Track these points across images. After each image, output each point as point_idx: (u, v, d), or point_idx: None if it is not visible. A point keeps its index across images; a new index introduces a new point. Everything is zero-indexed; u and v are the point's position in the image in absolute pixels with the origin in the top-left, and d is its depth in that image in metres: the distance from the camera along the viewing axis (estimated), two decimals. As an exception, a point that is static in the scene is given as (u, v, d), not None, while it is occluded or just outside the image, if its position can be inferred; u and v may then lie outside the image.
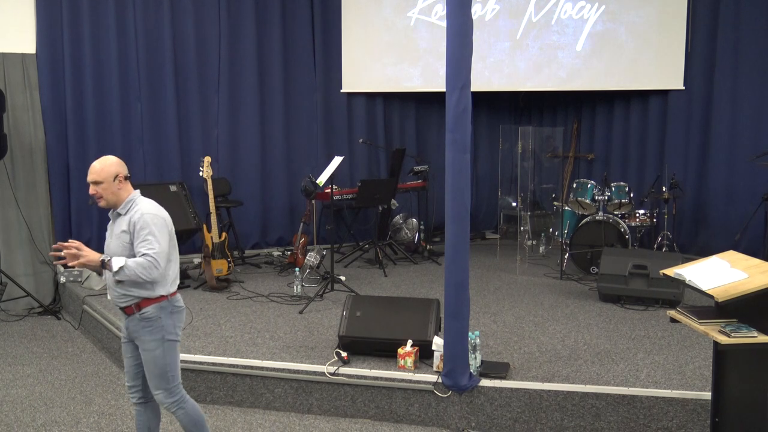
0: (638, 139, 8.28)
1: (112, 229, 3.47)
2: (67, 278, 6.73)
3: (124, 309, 3.43)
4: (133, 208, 3.45)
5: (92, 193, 3.45)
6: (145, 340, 3.41)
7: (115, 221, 3.47)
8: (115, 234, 3.42)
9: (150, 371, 3.44)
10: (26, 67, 6.81)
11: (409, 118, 9.08)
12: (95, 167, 3.51)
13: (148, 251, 3.29)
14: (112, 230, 3.47)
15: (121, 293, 3.39)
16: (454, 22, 3.94)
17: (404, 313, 4.72)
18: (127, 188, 3.51)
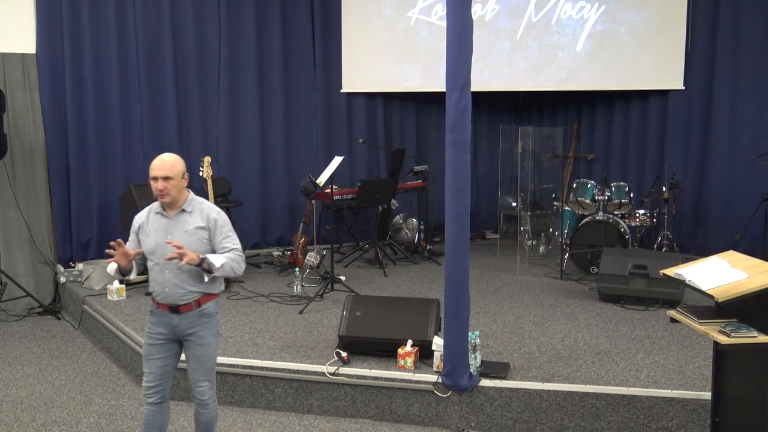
0: (638, 139, 8.28)
1: (172, 227, 3.37)
2: (67, 278, 6.73)
3: (179, 307, 3.37)
4: (200, 205, 3.45)
5: (160, 189, 3.32)
6: (203, 335, 3.43)
7: (175, 219, 3.39)
8: (184, 231, 3.36)
9: (203, 365, 3.47)
10: (26, 67, 6.81)
11: (409, 118, 9.08)
12: (167, 163, 3.37)
13: (235, 246, 3.43)
14: (172, 228, 3.37)
15: (186, 290, 3.36)
16: (454, 22, 3.94)
17: (404, 313, 4.72)
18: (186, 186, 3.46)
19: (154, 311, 3.47)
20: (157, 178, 3.33)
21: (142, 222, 3.45)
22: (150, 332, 3.47)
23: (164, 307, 3.40)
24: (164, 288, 3.38)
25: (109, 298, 6.12)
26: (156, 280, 3.40)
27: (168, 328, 3.43)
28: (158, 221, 3.41)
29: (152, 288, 3.44)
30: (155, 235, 3.39)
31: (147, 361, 3.48)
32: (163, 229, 3.39)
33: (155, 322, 3.45)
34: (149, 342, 3.48)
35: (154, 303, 3.46)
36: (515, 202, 8.41)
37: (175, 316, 3.39)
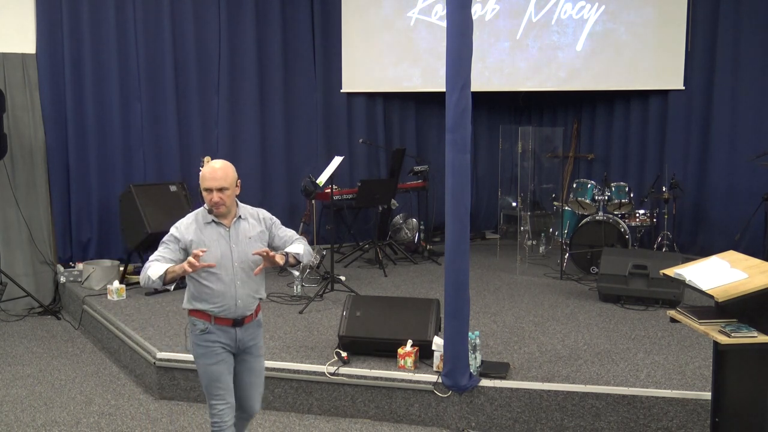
0: (638, 139, 8.28)
1: (234, 236, 3.25)
2: (67, 278, 6.73)
3: (244, 319, 3.24)
4: (246, 209, 3.38)
5: (216, 201, 3.19)
6: (260, 345, 3.34)
7: (234, 228, 3.27)
8: (247, 239, 3.25)
9: (260, 377, 3.39)
10: (26, 67, 6.81)
11: (409, 118, 9.08)
12: (219, 172, 3.23)
13: (293, 232, 3.43)
14: (234, 238, 3.24)
15: (254, 299, 3.27)
16: (454, 22, 3.94)
17: (404, 313, 4.71)
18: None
19: (210, 329, 3.22)
20: (211, 190, 3.18)
21: (194, 236, 3.22)
22: (211, 350, 3.23)
23: (227, 321, 3.22)
24: (236, 301, 3.20)
25: (109, 298, 6.12)
26: (222, 293, 3.19)
27: (232, 344, 3.26)
28: (215, 232, 3.24)
29: (214, 303, 3.20)
30: (217, 246, 3.20)
31: (219, 381, 3.24)
32: (224, 240, 3.22)
33: (214, 338, 3.23)
34: (214, 361, 3.23)
35: (207, 320, 3.22)
36: (515, 202, 8.41)
37: (237, 329, 3.24)
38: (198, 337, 3.24)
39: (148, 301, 6.08)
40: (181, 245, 3.21)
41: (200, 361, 3.26)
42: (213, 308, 3.20)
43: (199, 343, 3.25)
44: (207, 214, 3.26)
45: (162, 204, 6.48)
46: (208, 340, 3.22)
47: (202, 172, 3.24)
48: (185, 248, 3.20)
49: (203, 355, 3.24)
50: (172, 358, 4.70)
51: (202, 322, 3.23)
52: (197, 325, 3.24)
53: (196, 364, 3.33)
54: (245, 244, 3.24)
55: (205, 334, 3.22)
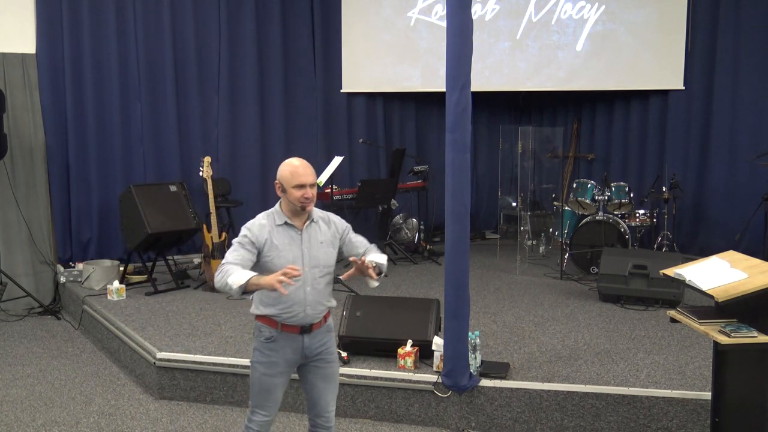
0: (638, 139, 8.28)
1: (306, 239, 3.12)
2: (67, 278, 6.73)
3: (312, 326, 3.11)
4: (320, 212, 3.23)
5: (309, 197, 3.07)
6: (332, 351, 3.21)
7: (306, 230, 3.13)
8: (319, 243, 3.14)
9: (334, 384, 3.23)
10: (26, 67, 6.81)
11: (409, 118, 9.08)
12: (309, 168, 3.13)
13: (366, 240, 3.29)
14: (306, 241, 3.12)
15: (324, 306, 3.15)
16: (454, 22, 3.94)
17: (404, 313, 4.71)
18: None
19: (275, 338, 3.08)
20: (305, 185, 3.07)
21: (267, 237, 3.07)
22: (272, 361, 3.09)
23: (294, 329, 3.08)
24: (305, 308, 3.07)
25: (109, 298, 6.12)
26: (292, 299, 3.04)
27: (297, 353, 3.11)
28: (287, 234, 3.10)
29: (282, 308, 3.06)
30: (289, 250, 3.06)
31: (269, 394, 3.12)
32: (296, 244, 3.09)
33: (278, 348, 3.09)
34: (272, 373, 3.10)
35: (274, 327, 3.08)
36: (515, 202, 8.41)
37: (305, 336, 3.10)
38: (262, 344, 3.11)
39: (148, 301, 6.08)
40: (256, 247, 3.05)
41: (258, 367, 3.13)
42: (281, 314, 3.06)
43: (262, 350, 3.11)
44: (280, 215, 3.13)
45: (162, 204, 6.48)
46: (271, 350, 3.09)
47: (290, 169, 3.11)
48: (260, 250, 3.05)
49: (263, 363, 3.11)
50: (172, 358, 4.70)
51: (269, 330, 3.09)
52: (263, 332, 3.10)
53: (251, 368, 3.17)
54: (317, 248, 3.12)
55: (270, 342, 3.09)
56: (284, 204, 3.17)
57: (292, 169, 3.13)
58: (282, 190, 3.15)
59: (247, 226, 3.13)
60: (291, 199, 3.11)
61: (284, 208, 3.17)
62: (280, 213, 3.15)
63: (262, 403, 3.14)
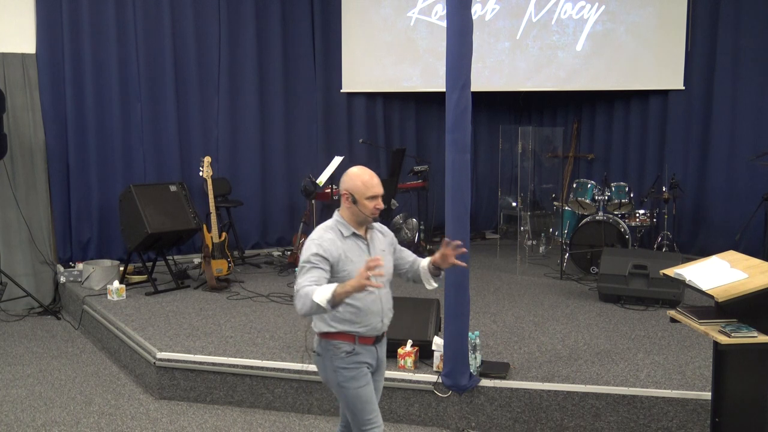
0: (638, 139, 8.28)
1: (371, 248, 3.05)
2: (67, 278, 6.73)
3: (383, 335, 3.09)
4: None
5: (380, 208, 3.05)
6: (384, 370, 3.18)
7: (370, 239, 3.08)
8: (381, 251, 3.08)
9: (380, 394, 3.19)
10: (26, 67, 6.81)
11: (409, 118, 9.08)
12: (377, 178, 3.08)
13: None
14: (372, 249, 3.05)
15: (392, 312, 3.10)
16: (454, 22, 3.94)
17: (404, 313, 4.70)
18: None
19: (356, 350, 2.99)
20: (377, 196, 3.04)
21: (341, 249, 2.96)
22: (361, 372, 3.00)
23: (369, 340, 3.01)
24: (382, 318, 3.02)
25: (109, 298, 6.11)
26: (368, 311, 2.97)
27: (373, 362, 3.07)
28: (355, 245, 3.01)
29: (359, 322, 2.96)
30: (361, 261, 2.93)
31: (372, 403, 3.04)
32: (364, 254, 3.00)
33: (360, 359, 3.00)
34: (364, 383, 3.01)
35: (351, 341, 2.98)
36: (515, 202, 8.41)
37: (377, 346, 3.06)
38: (344, 360, 2.98)
39: (148, 301, 6.08)
40: (329, 263, 2.92)
41: (349, 385, 2.98)
42: (359, 328, 2.96)
43: (346, 366, 2.98)
44: (346, 226, 3.02)
45: (162, 204, 6.48)
46: (355, 361, 2.99)
47: (362, 180, 3.04)
48: (333, 266, 2.93)
49: (353, 378, 2.98)
50: (172, 358, 4.70)
51: (348, 344, 2.98)
52: (342, 348, 2.97)
53: (341, 391, 3.02)
54: (380, 256, 2.99)
55: (351, 355, 2.98)
56: (348, 214, 3.05)
57: (365, 180, 3.05)
58: (353, 201, 3.02)
59: (317, 242, 2.94)
60: (364, 211, 3.02)
61: (348, 219, 3.04)
62: (346, 224, 3.03)
63: (368, 417, 3.02)
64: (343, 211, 3.06)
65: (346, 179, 3.07)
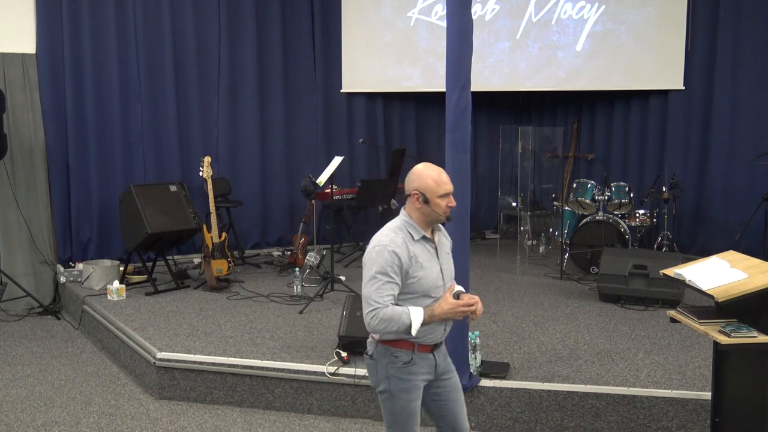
0: (638, 139, 8.28)
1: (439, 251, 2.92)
2: (67, 278, 6.73)
3: (442, 342, 2.96)
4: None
5: (452, 206, 2.89)
6: (453, 365, 3.04)
7: (437, 241, 2.94)
8: (446, 254, 2.96)
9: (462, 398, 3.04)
10: (26, 67, 6.81)
11: (409, 118, 9.08)
12: (447, 175, 2.90)
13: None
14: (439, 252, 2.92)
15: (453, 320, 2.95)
16: (454, 22, 3.94)
17: (404, 313, 4.71)
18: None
19: (414, 359, 2.84)
20: (449, 194, 2.87)
21: (412, 253, 2.79)
22: (414, 385, 2.88)
23: (428, 348, 2.87)
24: (445, 325, 2.89)
25: (109, 298, 6.11)
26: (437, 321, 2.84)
27: (431, 372, 2.92)
28: (425, 249, 2.85)
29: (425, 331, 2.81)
30: (431, 266, 2.84)
31: (415, 418, 2.91)
32: (434, 258, 2.87)
33: (416, 371, 2.86)
34: (415, 397, 2.89)
35: (410, 349, 2.84)
36: (515, 202, 8.41)
37: (436, 354, 2.91)
38: (400, 370, 2.84)
39: (148, 301, 6.08)
40: (403, 270, 2.76)
41: (400, 395, 2.86)
42: (421, 335, 2.80)
43: (400, 377, 2.85)
44: (416, 228, 2.85)
45: (162, 204, 6.47)
46: (411, 373, 2.85)
47: (433, 177, 2.87)
48: (406, 272, 2.78)
49: (405, 390, 2.85)
50: (172, 358, 4.71)
51: (406, 353, 2.84)
52: (400, 357, 2.83)
53: (388, 399, 2.90)
54: (446, 260, 2.94)
55: (408, 366, 2.84)
56: (418, 215, 2.87)
57: (435, 177, 2.86)
58: (424, 201, 2.84)
59: (390, 249, 2.76)
60: (436, 210, 2.83)
61: (418, 220, 2.87)
62: (415, 226, 2.86)
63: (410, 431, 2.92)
64: (412, 211, 2.87)
65: (413, 178, 2.90)
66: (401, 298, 2.78)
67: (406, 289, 2.79)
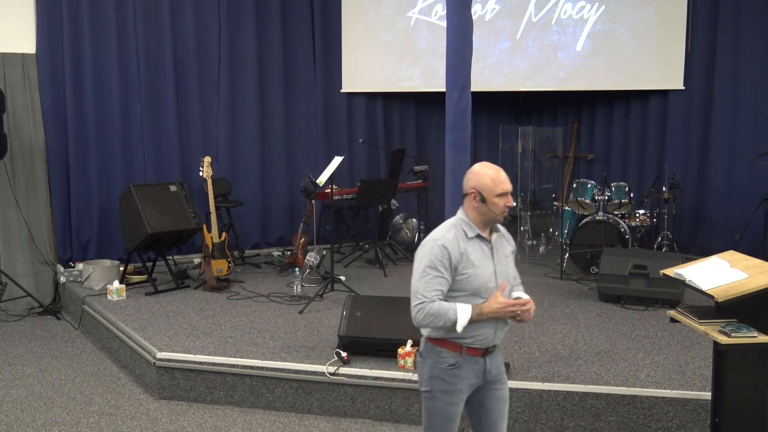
0: (638, 139, 8.28)
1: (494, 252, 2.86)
2: (67, 278, 6.73)
3: (495, 346, 2.88)
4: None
5: (510, 205, 2.82)
6: (504, 372, 2.96)
7: (494, 242, 2.88)
8: (504, 256, 2.90)
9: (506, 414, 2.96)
10: (26, 67, 6.81)
11: (409, 118, 9.08)
12: (505, 173, 2.85)
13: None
14: (495, 253, 2.86)
15: (508, 325, 2.89)
16: (454, 22, 3.94)
17: (404, 313, 4.64)
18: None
19: (460, 363, 2.80)
20: (507, 193, 2.81)
21: (463, 250, 2.76)
22: (457, 389, 2.82)
23: (478, 352, 2.81)
24: (496, 330, 2.83)
25: (109, 298, 6.11)
26: (487, 322, 2.78)
27: (479, 377, 2.85)
28: (479, 248, 2.81)
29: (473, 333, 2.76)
30: (484, 266, 2.79)
31: (454, 422, 2.86)
32: (488, 258, 2.81)
33: (462, 374, 2.81)
34: (456, 401, 2.83)
35: (458, 351, 2.79)
36: (515, 202, 8.41)
37: (487, 359, 2.84)
38: (444, 371, 2.81)
39: (148, 301, 6.08)
40: (453, 266, 2.75)
41: (440, 396, 2.84)
42: (469, 337, 2.77)
43: (444, 378, 2.81)
44: (471, 226, 2.81)
45: (162, 204, 6.48)
46: (455, 376, 2.81)
47: (490, 176, 2.83)
48: (455, 268, 2.75)
49: (446, 392, 2.82)
50: (172, 358, 4.70)
51: (452, 355, 2.80)
52: (445, 358, 2.80)
53: (429, 399, 2.88)
54: (504, 263, 2.87)
55: (453, 369, 2.80)
56: (474, 214, 2.83)
57: (493, 175, 2.82)
58: (480, 200, 2.80)
59: (440, 243, 2.76)
60: (493, 209, 2.79)
61: (474, 219, 2.83)
62: (471, 225, 2.82)
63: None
64: (469, 210, 2.84)
65: (471, 176, 2.87)
66: (451, 295, 2.76)
67: (456, 286, 2.76)
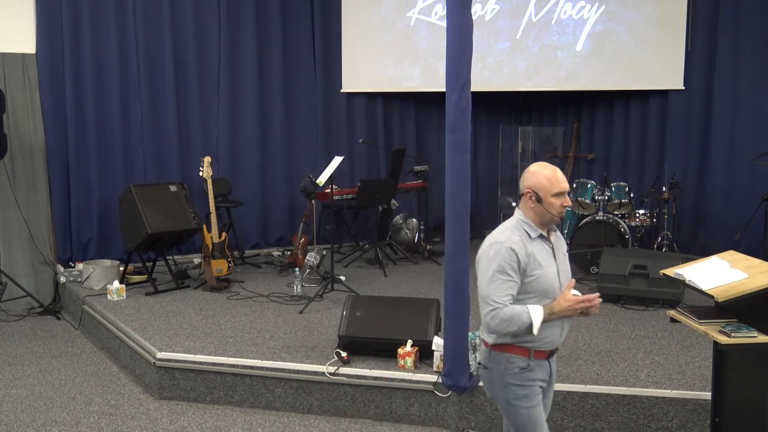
0: (638, 139, 8.28)
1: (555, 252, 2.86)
2: (67, 278, 6.73)
3: (555, 349, 2.88)
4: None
5: (567, 205, 2.79)
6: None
7: (554, 241, 2.88)
8: (563, 255, 2.90)
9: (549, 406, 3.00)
10: (26, 67, 6.81)
11: (409, 118, 9.08)
12: (561, 173, 2.81)
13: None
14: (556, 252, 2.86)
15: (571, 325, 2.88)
16: (454, 22, 3.93)
17: (404, 313, 4.71)
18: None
19: (531, 365, 2.79)
20: (564, 192, 2.78)
21: (530, 251, 2.74)
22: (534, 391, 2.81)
23: (543, 354, 2.81)
24: (561, 332, 2.82)
25: (109, 298, 6.11)
26: (551, 323, 2.76)
27: (546, 380, 2.87)
28: (542, 248, 2.80)
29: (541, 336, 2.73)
30: (549, 265, 2.78)
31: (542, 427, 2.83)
32: (551, 258, 2.81)
33: (534, 375, 2.80)
34: (536, 403, 2.81)
35: (526, 356, 2.78)
36: (515, 202, 8.40)
37: (550, 361, 2.86)
38: (517, 377, 2.78)
39: (148, 301, 6.08)
40: (522, 268, 2.72)
41: (520, 403, 2.79)
42: (535, 341, 2.75)
43: (519, 383, 2.78)
44: (533, 227, 2.80)
45: (162, 204, 6.48)
46: (529, 378, 2.79)
47: (547, 175, 2.78)
48: (525, 271, 2.73)
49: (525, 396, 2.78)
50: (172, 358, 4.71)
51: (522, 359, 2.77)
52: (516, 363, 2.77)
53: (511, 409, 2.83)
54: (563, 261, 2.87)
55: (525, 372, 2.78)
56: (532, 214, 2.81)
57: (550, 175, 2.78)
58: (537, 199, 2.77)
59: (507, 246, 2.72)
60: (550, 210, 2.77)
61: (533, 219, 2.82)
62: (532, 225, 2.81)
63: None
64: (527, 210, 2.83)
65: (527, 176, 2.84)
66: (519, 298, 2.73)
67: (525, 288, 2.74)
